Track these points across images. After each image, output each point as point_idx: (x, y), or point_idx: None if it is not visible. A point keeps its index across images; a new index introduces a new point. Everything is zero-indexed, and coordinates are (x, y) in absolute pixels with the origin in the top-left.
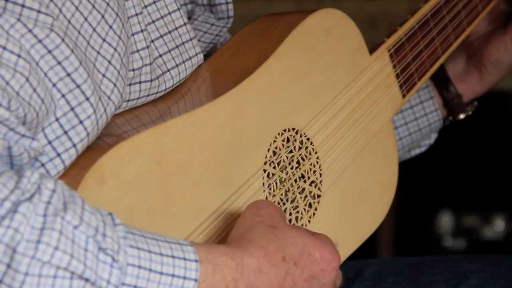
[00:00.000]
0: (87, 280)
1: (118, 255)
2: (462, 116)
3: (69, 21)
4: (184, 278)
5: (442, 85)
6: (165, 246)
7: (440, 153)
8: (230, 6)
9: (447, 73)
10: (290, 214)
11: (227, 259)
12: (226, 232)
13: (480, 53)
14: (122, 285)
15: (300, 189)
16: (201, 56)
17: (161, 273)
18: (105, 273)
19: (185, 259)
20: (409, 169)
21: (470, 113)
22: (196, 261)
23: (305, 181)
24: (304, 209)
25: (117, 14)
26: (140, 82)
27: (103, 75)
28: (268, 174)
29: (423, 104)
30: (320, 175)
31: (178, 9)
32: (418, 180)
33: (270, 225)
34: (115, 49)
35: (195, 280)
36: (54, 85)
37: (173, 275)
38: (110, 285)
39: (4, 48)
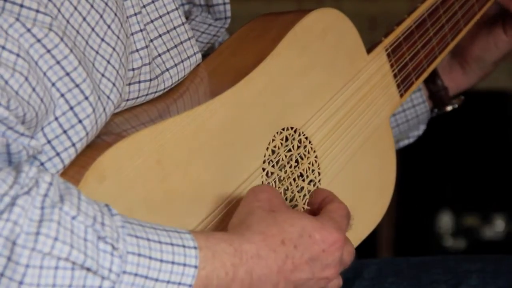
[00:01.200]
0: (88, 269)
1: (118, 243)
2: (448, 108)
3: (67, 21)
4: (184, 265)
5: (428, 78)
6: (163, 234)
7: (440, 153)
8: (228, 7)
9: None
10: None
11: (226, 245)
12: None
13: (464, 51)
14: (124, 273)
15: (299, 187)
16: (199, 56)
17: (161, 261)
18: (106, 262)
19: (184, 246)
20: (409, 169)
21: (457, 106)
22: (195, 248)
23: (303, 180)
24: (303, 208)
25: (115, 14)
26: (139, 82)
27: (102, 75)
28: (267, 172)
29: (411, 96)
30: (319, 174)
31: (176, 8)
32: (418, 180)
33: (268, 209)
34: (114, 49)
35: (195, 267)
36: (53, 84)
37: (173, 262)
38: (112, 273)
39: (3, 47)
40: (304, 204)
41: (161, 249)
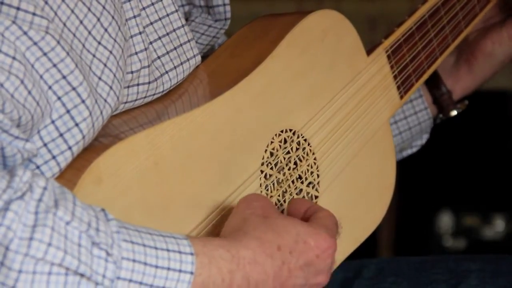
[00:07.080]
0: (82, 275)
1: (112, 249)
2: (453, 113)
3: (64, 24)
4: (180, 271)
5: (431, 82)
6: (159, 240)
7: (440, 153)
8: (228, 8)
9: (437, 69)
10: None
11: (223, 251)
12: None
13: (474, 45)
14: (118, 279)
15: (298, 190)
16: (199, 58)
17: (156, 267)
18: (100, 268)
19: (180, 252)
20: (409, 169)
21: (461, 110)
22: (192, 254)
23: (302, 182)
24: None
25: (113, 17)
26: (138, 84)
27: (99, 78)
28: (266, 175)
29: (413, 103)
30: (318, 176)
31: (176, 10)
32: (418, 180)
33: (262, 216)
34: (111, 52)
35: (191, 273)
36: (49, 87)
37: (168, 268)
38: (105, 279)
39: None
40: None
41: (156, 254)
